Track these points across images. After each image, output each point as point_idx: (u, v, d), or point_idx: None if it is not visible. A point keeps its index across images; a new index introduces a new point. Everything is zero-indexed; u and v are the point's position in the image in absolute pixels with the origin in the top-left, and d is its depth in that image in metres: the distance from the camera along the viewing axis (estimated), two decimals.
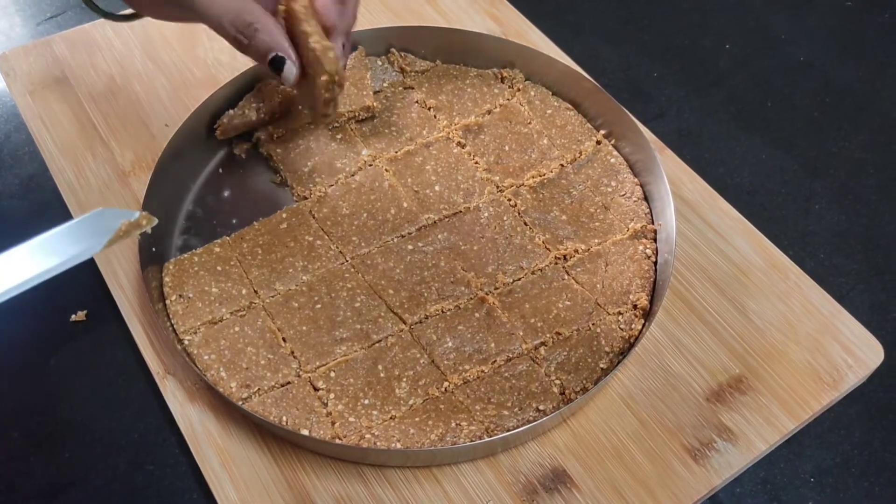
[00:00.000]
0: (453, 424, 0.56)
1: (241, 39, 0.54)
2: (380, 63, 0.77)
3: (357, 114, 0.71)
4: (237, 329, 0.60)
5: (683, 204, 0.69)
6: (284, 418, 0.56)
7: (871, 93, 0.84)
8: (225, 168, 0.71)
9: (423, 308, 0.61)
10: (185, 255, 0.64)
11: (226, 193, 0.70)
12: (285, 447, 0.57)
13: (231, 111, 0.71)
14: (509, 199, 0.67)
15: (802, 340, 0.62)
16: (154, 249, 0.64)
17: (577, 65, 0.77)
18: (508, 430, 0.55)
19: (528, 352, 0.59)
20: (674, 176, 0.71)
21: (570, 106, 0.73)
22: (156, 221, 0.57)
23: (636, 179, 0.69)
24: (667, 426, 0.58)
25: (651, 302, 0.62)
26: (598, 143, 0.71)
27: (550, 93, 0.74)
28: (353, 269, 0.64)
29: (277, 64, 0.55)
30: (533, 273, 0.63)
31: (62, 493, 0.59)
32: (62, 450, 0.60)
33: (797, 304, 0.64)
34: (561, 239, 0.65)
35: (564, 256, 0.64)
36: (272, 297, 0.62)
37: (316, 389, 0.58)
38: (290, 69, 0.55)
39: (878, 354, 0.61)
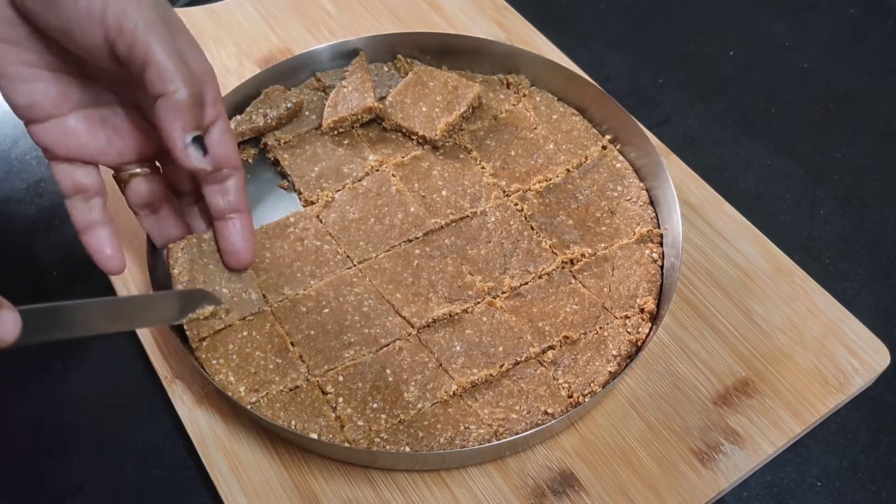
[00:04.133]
0: (462, 428, 0.56)
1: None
2: (386, 69, 0.77)
3: (360, 116, 0.72)
4: (245, 333, 0.61)
5: (689, 209, 0.70)
6: (293, 422, 0.56)
7: (874, 99, 0.84)
8: None
9: (431, 312, 0.61)
10: None
11: None
12: (294, 451, 0.57)
13: (238, 117, 0.72)
14: (516, 204, 0.68)
15: (808, 344, 0.62)
16: (161, 255, 0.64)
17: (582, 71, 0.78)
18: (517, 434, 0.55)
19: (536, 355, 0.59)
20: (679, 181, 0.71)
21: (575, 111, 0.74)
22: (236, 319, 0.60)
23: (642, 184, 0.69)
24: (674, 429, 0.58)
25: (658, 306, 0.62)
26: (604, 148, 0.71)
27: (556, 98, 0.75)
28: (360, 274, 0.64)
29: (201, 143, 0.50)
30: (540, 277, 0.64)
31: (70, 498, 0.59)
32: (69, 454, 0.60)
33: (803, 308, 0.64)
34: (567, 243, 0.65)
35: (571, 261, 0.64)
36: (280, 301, 0.62)
37: (324, 393, 0.58)
38: (209, 162, 0.51)
39: (885, 358, 0.62)
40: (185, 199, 0.60)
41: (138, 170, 0.56)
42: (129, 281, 0.66)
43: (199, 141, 0.50)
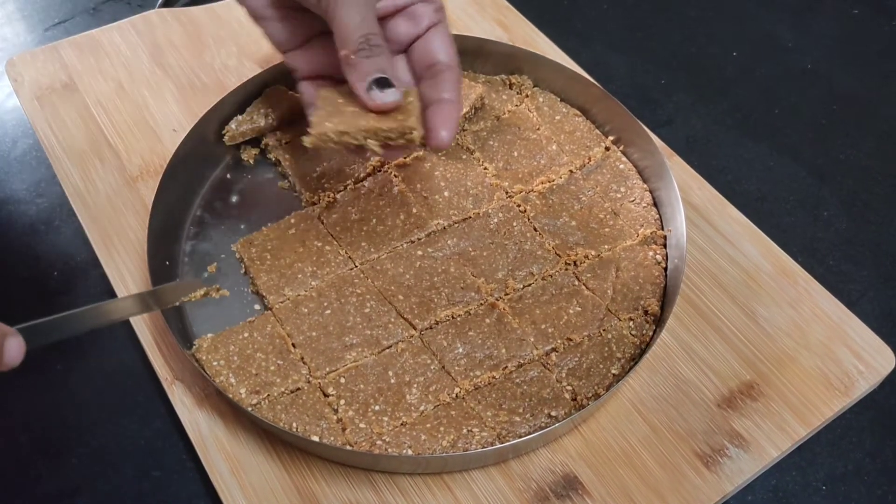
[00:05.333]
0: (465, 431, 0.55)
1: (360, 53, 0.55)
2: None
3: None
4: (246, 335, 0.60)
5: (692, 210, 0.69)
6: (294, 424, 0.56)
7: (877, 100, 0.84)
8: (233, 173, 0.71)
9: (433, 314, 0.61)
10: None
11: (234, 199, 0.70)
12: (295, 454, 0.57)
13: (239, 116, 0.71)
14: (518, 205, 0.67)
15: (813, 347, 0.62)
16: (162, 255, 0.64)
17: (584, 72, 0.78)
18: (520, 437, 0.55)
19: (540, 358, 0.59)
20: (682, 182, 0.71)
21: (578, 112, 0.73)
22: (227, 294, 0.63)
23: (645, 185, 0.69)
24: (678, 432, 0.58)
25: (662, 308, 0.61)
26: (607, 149, 0.71)
27: (559, 99, 0.74)
28: (362, 275, 0.63)
29: (384, 83, 0.55)
30: (543, 279, 0.63)
31: (69, 499, 0.58)
32: (69, 455, 0.60)
33: (807, 310, 0.64)
34: (571, 245, 0.65)
35: (574, 262, 0.64)
36: (281, 302, 0.62)
37: (326, 395, 0.57)
38: (395, 94, 0.55)
39: (890, 361, 0.61)
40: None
41: None
42: (129, 280, 0.65)
43: (382, 81, 0.55)
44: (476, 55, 0.76)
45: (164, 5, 0.87)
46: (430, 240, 0.65)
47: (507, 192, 0.68)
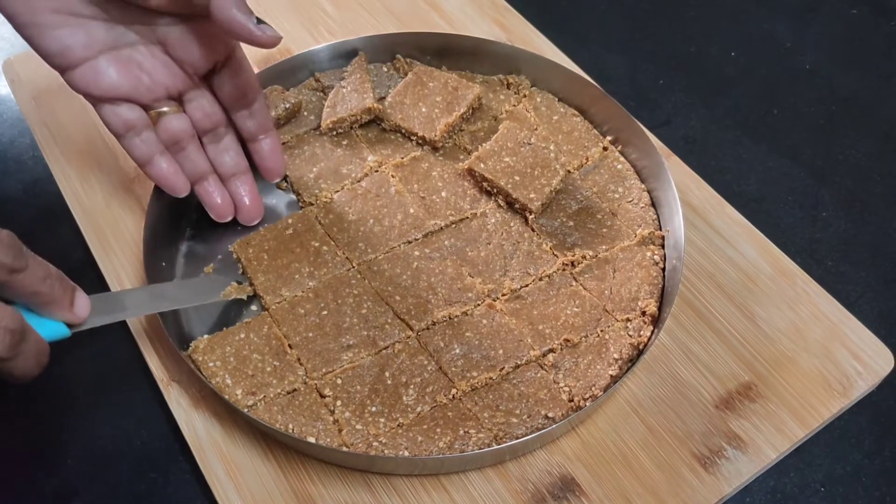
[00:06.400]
0: (461, 432, 0.55)
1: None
2: (385, 70, 0.76)
3: (359, 117, 0.71)
4: (242, 336, 0.60)
5: (690, 210, 0.69)
6: (291, 426, 0.55)
7: (876, 100, 0.84)
8: None
9: (430, 314, 0.61)
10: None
11: None
12: (291, 455, 0.57)
13: None
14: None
15: (811, 347, 0.62)
16: (158, 256, 0.63)
17: (583, 72, 0.77)
18: (517, 438, 0.55)
19: (537, 358, 0.59)
20: (680, 182, 0.70)
21: (576, 112, 0.73)
22: (251, 292, 0.63)
23: (643, 185, 0.68)
24: (676, 434, 0.58)
25: (660, 308, 0.61)
26: (605, 149, 0.71)
27: (556, 99, 0.74)
28: (359, 276, 0.63)
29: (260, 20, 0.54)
30: (540, 279, 0.63)
31: (66, 501, 0.58)
32: (65, 458, 0.60)
33: (806, 311, 0.64)
34: (568, 245, 0.64)
35: (572, 262, 0.64)
36: (278, 303, 0.62)
37: (322, 396, 0.57)
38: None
39: (888, 362, 0.61)
40: (207, 137, 0.63)
41: (166, 108, 0.60)
42: (125, 281, 0.65)
43: (261, 22, 0.53)
44: (474, 55, 0.75)
45: None
46: (428, 240, 0.65)
47: None
